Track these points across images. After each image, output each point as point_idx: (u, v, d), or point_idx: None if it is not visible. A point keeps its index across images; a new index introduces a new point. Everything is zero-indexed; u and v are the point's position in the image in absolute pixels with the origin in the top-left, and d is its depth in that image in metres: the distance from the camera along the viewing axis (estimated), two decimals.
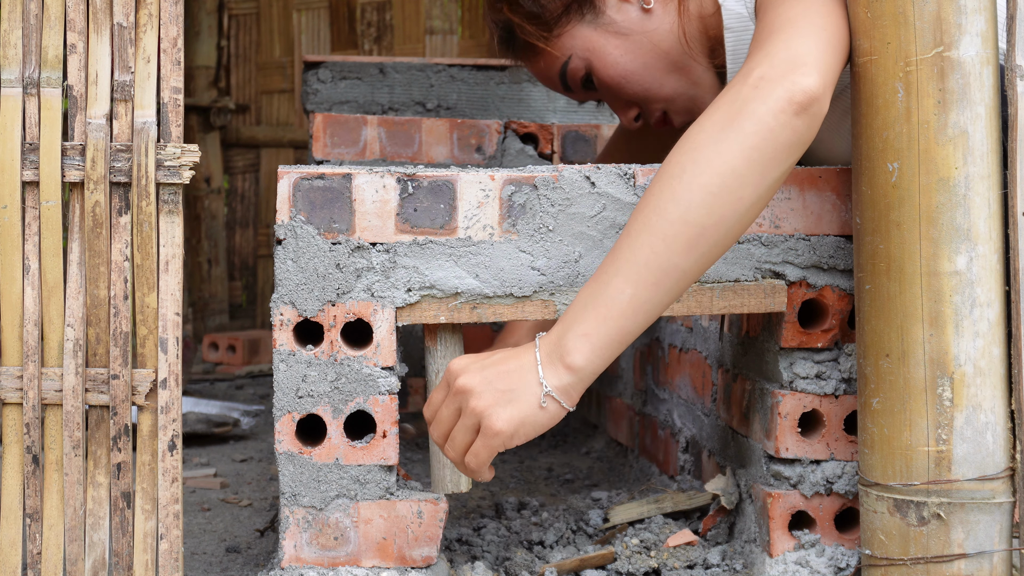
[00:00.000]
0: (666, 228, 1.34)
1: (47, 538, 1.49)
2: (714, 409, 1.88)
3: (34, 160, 1.48)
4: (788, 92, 1.35)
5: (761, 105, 1.35)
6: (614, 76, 1.74)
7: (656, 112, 1.78)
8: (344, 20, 4.98)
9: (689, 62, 1.72)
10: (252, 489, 2.27)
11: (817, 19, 1.40)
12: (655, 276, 1.34)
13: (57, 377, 1.48)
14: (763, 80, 1.36)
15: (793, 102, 1.34)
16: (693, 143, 1.37)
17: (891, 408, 1.41)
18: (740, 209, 1.35)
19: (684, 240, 1.34)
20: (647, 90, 1.75)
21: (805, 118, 1.35)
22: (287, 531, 1.52)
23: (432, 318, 1.52)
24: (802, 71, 1.36)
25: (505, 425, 1.34)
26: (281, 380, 1.51)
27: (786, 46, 1.38)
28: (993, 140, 1.38)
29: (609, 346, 1.35)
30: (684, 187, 1.34)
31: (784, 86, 1.35)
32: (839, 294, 1.58)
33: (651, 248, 1.34)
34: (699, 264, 1.36)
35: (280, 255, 1.51)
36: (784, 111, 1.34)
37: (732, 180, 1.34)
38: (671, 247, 1.34)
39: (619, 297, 1.34)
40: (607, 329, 1.34)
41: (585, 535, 1.76)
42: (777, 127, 1.34)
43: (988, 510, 1.39)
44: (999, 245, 1.39)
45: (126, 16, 1.50)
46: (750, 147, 1.34)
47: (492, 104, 2.88)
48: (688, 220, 1.34)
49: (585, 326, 1.35)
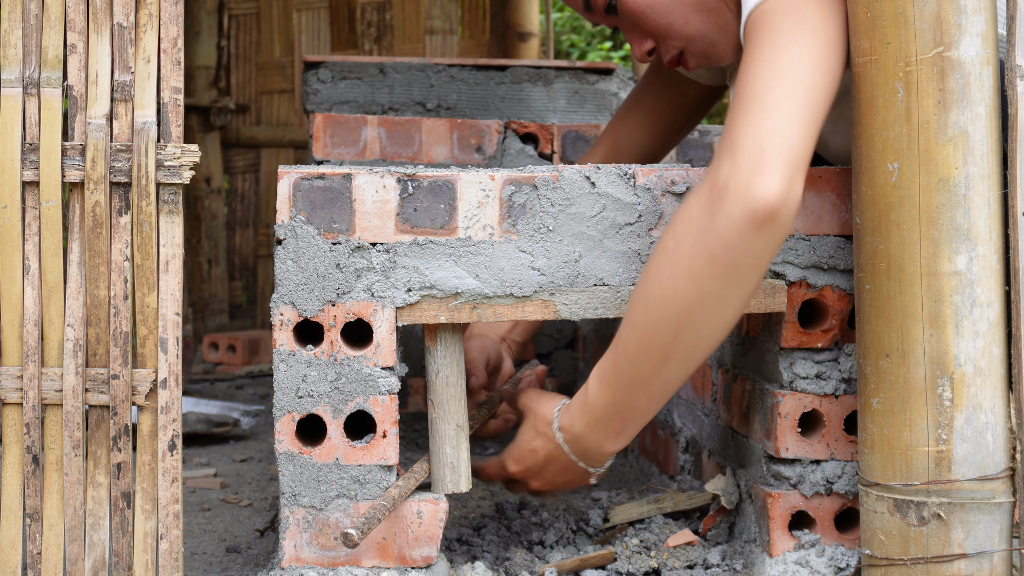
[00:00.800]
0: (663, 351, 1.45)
1: (47, 538, 1.49)
2: (714, 409, 1.88)
3: (34, 160, 1.48)
4: (748, 209, 1.34)
5: (724, 224, 1.36)
6: (640, 4, 1.67)
7: (672, 50, 1.72)
8: (344, 20, 4.98)
9: (719, 5, 1.66)
10: (252, 489, 2.27)
11: (794, 82, 1.39)
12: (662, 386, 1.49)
13: (57, 377, 1.48)
14: (727, 189, 1.36)
15: (755, 220, 1.35)
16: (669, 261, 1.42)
17: (891, 408, 1.41)
18: (725, 319, 1.43)
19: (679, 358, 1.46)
20: (670, 24, 1.68)
21: (768, 232, 1.36)
22: (287, 531, 1.52)
23: (432, 318, 1.52)
24: (762, 173, 1.34)
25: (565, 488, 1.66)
26: (281, 380, 1.51)
27: (752, 133, 1.36)
28: (993, 140, 1.38)
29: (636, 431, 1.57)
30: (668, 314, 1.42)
31: (743, 201, 1.34)
32: (839, 294, 1.58)
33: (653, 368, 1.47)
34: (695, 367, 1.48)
35: (280, 255, 1.51)
36: (746, 230, 1.35)
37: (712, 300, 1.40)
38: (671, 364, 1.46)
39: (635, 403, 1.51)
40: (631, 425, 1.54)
41: (585, 535, 1.76)
42: (741, 246, 1.36)
43: (988, 510, 1.39)
44: (999, 245, 1.39)
45: (126, 16, 1.50)
46: (722, 269, 1.38)
47: (492, 104, 2.88)
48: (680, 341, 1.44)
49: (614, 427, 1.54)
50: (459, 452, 1.57)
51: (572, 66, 2.91)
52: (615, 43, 7.98)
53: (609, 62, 3.02)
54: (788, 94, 1.38)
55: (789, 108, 1.37)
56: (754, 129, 1.37)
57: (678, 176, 1.55)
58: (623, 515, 1.77)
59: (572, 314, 1.54)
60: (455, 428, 1.56)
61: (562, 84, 2.90)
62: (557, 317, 1.54)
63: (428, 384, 1.58)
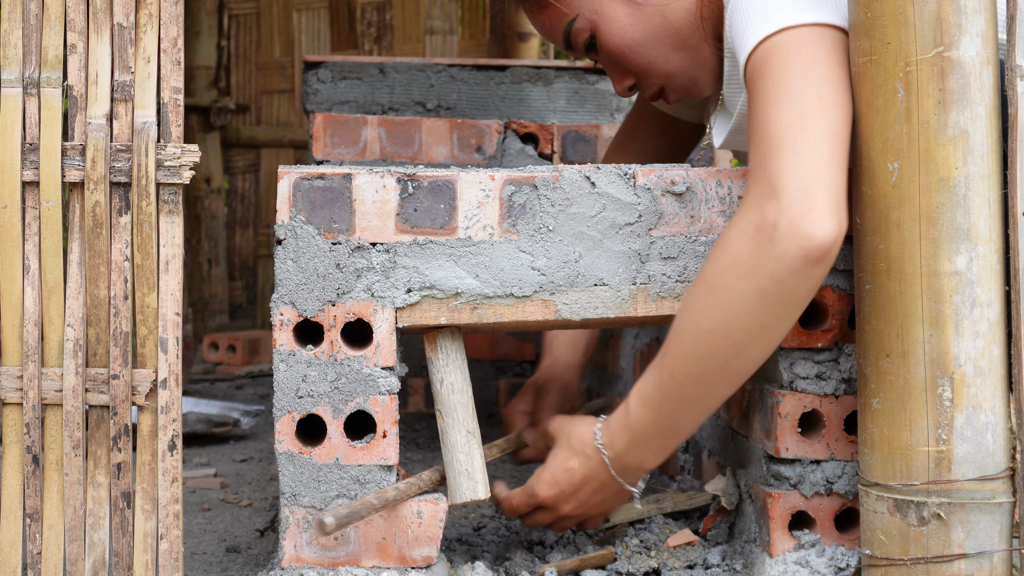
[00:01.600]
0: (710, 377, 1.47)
1: (47, 538, 1.49)
2: None
3: (34, 160, 1.48)
4: (804, 250, 1.36)
5: (778, 265, 1.38)
6: (619, 44, 1.69)
7: (653, 87, 1.75)
8: (344, 20, 4.98)
9: (699, 42, 1.68)
10: (252, 489, 2.27)
11: (820, 123, 1.40)
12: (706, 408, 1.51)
13: (57, 377, 1.48)
14: (776, 231, 1.37)
15: (810, 259, 1.37)
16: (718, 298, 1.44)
17: (891, 408, 1.41)
18: (771, 345, 1.46)
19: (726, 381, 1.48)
20: (650, 63, 1.71)
21: (820, 267, 1.38)
22: (287, 531, 1.52)
23: (432, 318, 1.52)
24: (816, 216, 1.36)
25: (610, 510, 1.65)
26: (281, 380, 1.51)
27: (793, 174, 1.38)
28: (993, 140, 1.38)
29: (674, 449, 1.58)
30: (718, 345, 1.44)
31: (799, 243, 1.36)
32: (839, 294, 1.58)
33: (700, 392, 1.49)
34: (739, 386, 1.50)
35: (280, 255, 1.51)
36: (801, 268, 1.38)
37: (761, 333, 1.43)
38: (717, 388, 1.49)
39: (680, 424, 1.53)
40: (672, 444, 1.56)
41: (585, 535, 1.76)
42: (796, 283, 1.39)
43: (988, 510, 1.39)
44: (999, 245, 1.39)
45: (126, 16, 1.50)
46: (773, 304, 1.40)
47: (492, 104, 2.88)
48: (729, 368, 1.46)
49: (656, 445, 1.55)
50: (472, 459, 1.55)
51: (572, 66, 2.92)
52: None
53: None
54: (820, 136, 1.39)
55: (824, 150, 1.39)
56: (795, 170, 1.38)
57: (678, 176, 1.55)
58: (623, 515, 1.77)
59: (572, 314, 1.54)
60: (466, 435, 1.56)
61: (562, 84, 2.90)
62: (557, 317, 1.54)
63: (434, 394, 1.57)
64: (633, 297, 1.55)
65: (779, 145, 1.40)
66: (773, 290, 1.39)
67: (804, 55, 1.44)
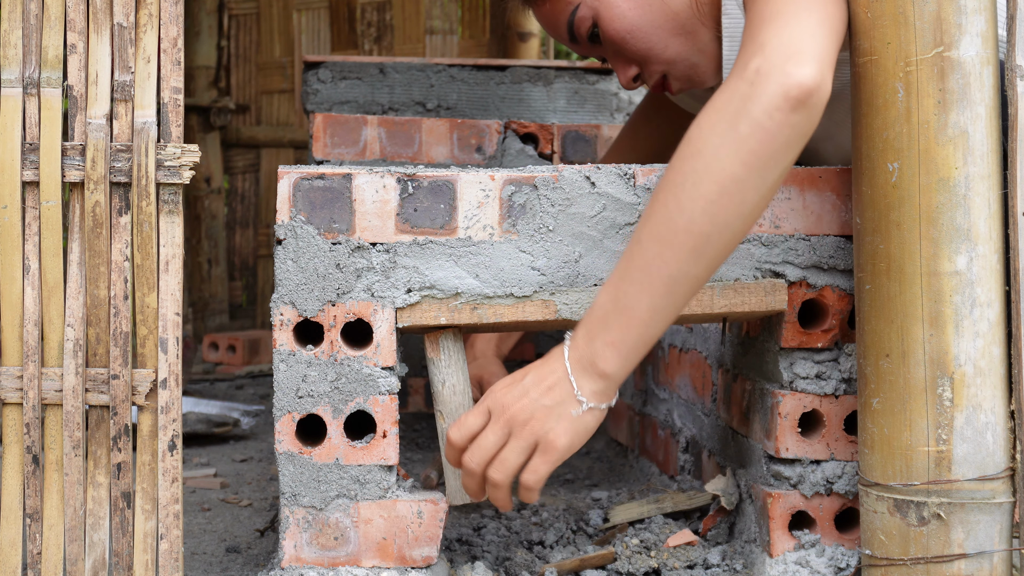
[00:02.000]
0: (673, 238, 1.37)
1: (47, 538, 1.49)
2: (714, 409, 1.88)
3: (34, 160, 1.48)
4: (783, 87, 1.33)
5: (756, 105, 1.34)
6: (619, 30, 1.71)
7: (655, 74, 1.76)
8: (344, 20, 4.98)
9: (697, 27, 1.70)
10: (252, 489, 2.27)
11: (811, 3, 1.39)
12: (667, 284, 1.39)
13: (57, 377, 1.48)
14: (758, 75, 1.34)
15: (789, 98, 1.33)
16: (693, 148, 1.38)
17: (891, 408, 1.41)
18: (743, 212, 1.37)
19: (691, 248, 1.37)
20: (650, 49, 1.72)
21: (803, 112, 1.34)
22: (287, 531, 1.52)
23: (432, 319, 1.52)
24: (797, 61, 1.34)
25: (565, 439, 1.41)
26: (281, 380, 1.51)
27: (780, 34, 1.36)
28: (993, 140, 1.38)
29: (635, 351, 1.41)
30: (687, 196, 1.37)
31: (778, 80, 1.33)
32: (839, 294, 1.58)
33: (662, 258, 1.38)
34: (708, 269, 1.40)
35: (280, 255, 1.51)
36: (780, 108, 1.33)
37: (733, 186, 1.35)
38: (679, 255, 1.38)
39: (638, 306, 1.39)
40: (631, 336, 1.40)
41: (585, 535, 1.76)
42: (774, 127, 1.34)
43: (988, 510, 1.39)
44: (999, 245, 1.39)
45: (126, 16, 1.50)
46: (748, 151, 1.35)
47: (492, 104, 2.88)
48: (693, 230, 1.37)
49: (611, 335, 1.40)
50: None
51: (572, 66, 2.92)
52: None
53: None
54: (812, 8, 1.38)
55: (815, 18, 1.37)
56: (783, 30, 1.36)
57: None
58: (623, 515, 1.77)
59: (572, 314, 1.54)
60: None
61: (562, 84, 2.90)
62: (557, 317, 1.54)
63: (435, 395, 1.57)
64: None
65: (771, 16, 1.38)
66: (748, 133, 1.34)
67: None
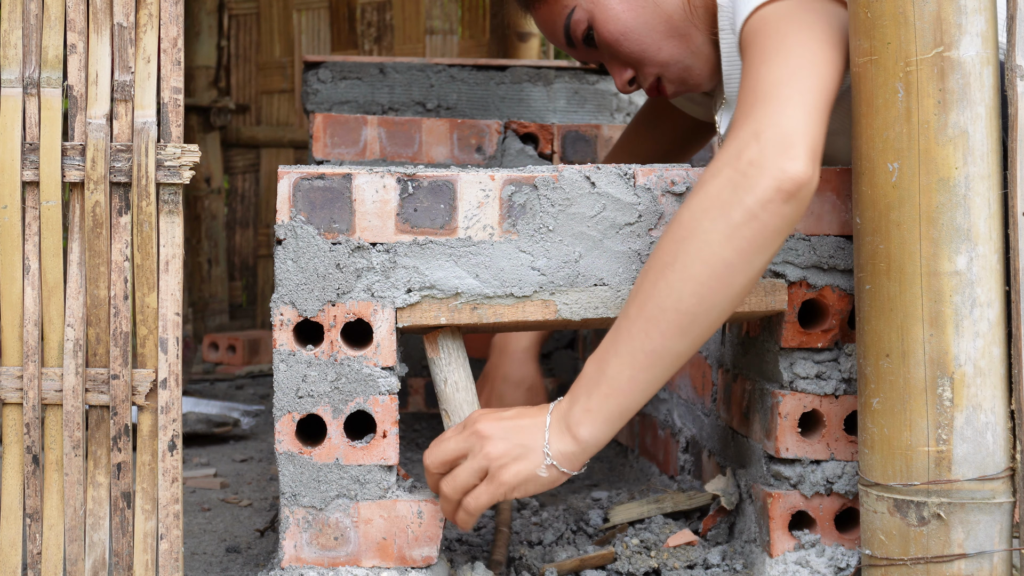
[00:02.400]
0: (660, 315, 1.41)
1: (47, 538, 1.49)
2: (714, 409, 1.88)
3: (34, 160, 1.48)
4: (777, 181, 1.37)
5: (749, 195, 1.37)
6: (613, 32, 1.73)
7: (650, 77, 1.78)
8: (344, 20, 4.98)
9: (690, 30, 1.73)
10: (252, 489, 2.27)
11: (806, 80, 1.42)
12: (650, 359, 1.42)
13: (57, 377, 1.48)
14: (752, 166, 1.38)
15: (782, 191, 1.37)
16: (684, 230, 1.40)
17: (891, 408, 1.41)
18: (731, 295, 1.41)
19: (677, 327, 1.41)
20: (644, 51, 1.74)
21: (793, 204, 1.38)
22: (287, 531, 1.52)
23: (432, 319, 1.52)
24: (791, 155, 1.37)
25: (512, 478, 1.45)
26: (281, 380, 1.51)
27: (776, 123, 1.39)
28: (993, 140, 1.38)
29: (610, 420, 1.44)
30: (676, 277, 1.40)
31: (772, 175, 1.37)
32: (839, 294, 1.58)
33: (647, 333, 1.41)
34: (692, 346, 1.43)
35: (280, 255, 1.51)
36: (773, 200, 1.37)
37: (723, 270, 1.39)
38: (665, 333, 1.41)
39: (619, 377, 1.43)
40: (608, 406, 1.43)
41: (585, 535, 1.76)
42: (767, 217, 1.38)
43: (988, 510, 1.39)
44: (999, 245, 1.39)
45: (126, 16, 1.50)
46: (740, 238, 1.38)
47: (492, 104, 2.88)
48: (680, 308, 1.40)
49: (591, 402, 1.44)
50: None
51: (572, 66, 2.92)
52: None
53: None
54: (804, 91, 1.41)
55: (807, 103, 1.41)
56: (776, 117, 1.40)
57: (678, 176, 1.55)
58: (623, 515, 1.77)
59: (572, 314, 1.54)
60: None
61: (562, 84, 2.90)
62: (557, 317, 1.54)
63: (438, 394, 1.57)
64: None
65: (764, 96, 1.42)
66: (742, 222, 1.37)
67: (796, 20, 1.47)
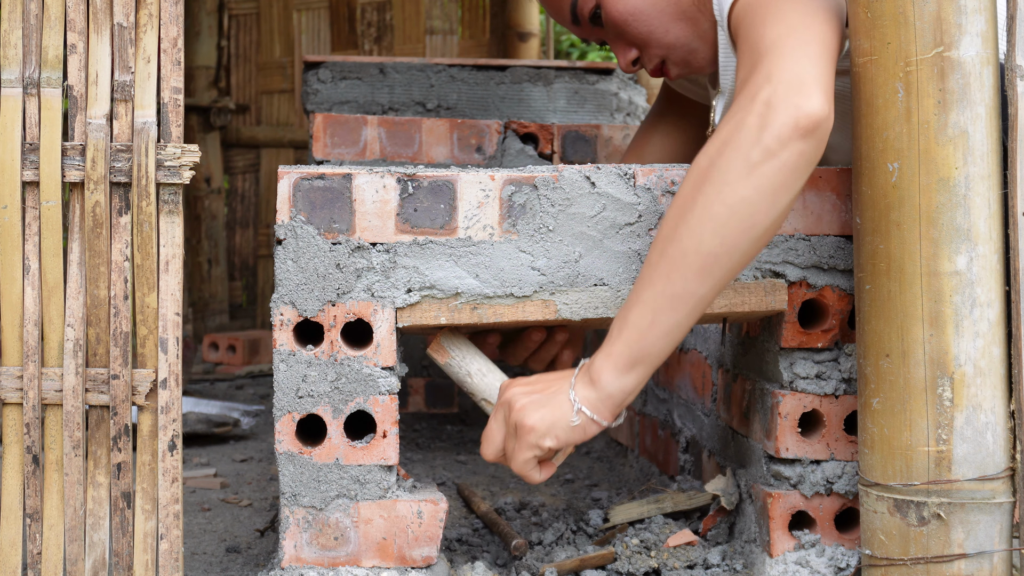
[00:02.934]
0: (681, 259, 1.41)
1: (47, 538, 1.49)
2: (714, 409, 1.88)
3: (34, 160, 1.48)
4: (793, 118, 1.37)
5: (768, 133, 1.37)
6: (622, 12, 1.73)
7: (655, 59, 1.79)
8: (344, 20, 4.98)
9: (697, 14, 1.73)
10: (252, 489, 2.27)
11: (807, 33, 1.42)
12: (672, 303, 1.42)
13: (57, 377, 1.48)
14: (768, 106, 1.38)
15: (799, 127, 1.37)
16: (703, 174, 1.40)
17: (891, 408, 1.41)
18: (753, 235, 1.40)
19: (699, 269, 1.41)
20: (651, 32, 1.74)
21: (811, 141, 1.38)
22: (287, 531, 1.52)
23: (432, 319, 1.52)
24: (805, 93, 1.38)
25: (536, 422, 1.45)
26: (281, 380, 1.51)
27: (784, 66, 1.40)
28: (993, 140, 1.38)
29: (632, 365, 1.44)
30: (696, 218, 1.40)
31: (788, 112, 1.37)
32: (839, 294, 1.58)
33: (668, 277, 1.42)
34: (714, 288, 1.42)
35: (280, 255, 1.51)
36: (791, 137, 1.37)
37: (744, 209, 1.38)
38: (687, 276, 1.41)
39: (640, 322, 1.43)
40: (630, 351, 1.43)
41: (585, 535, 1.76)
42: (785, 154, 1.37)
43: (988, 510, 1.39)
44: (999, 245, 1.39)
45: (126, 16, 1.50)
46: (760, 176, 1.38)
47: (492, 104, 2.88)
48: (702, 251, 1.40)
49: (611, 347, 1.44)
50: None
51: (572, 66, 2.92)
52: None
53: (609, 62, 3.02)
54: (807, 41, 1.42)
55: (812, 51, 1.41)
56: (786, 62, 1.40)
57: (678, 176, 1.55)
58: (623, 515, 1.77)
59: (573, 314, 1.54)
60: None
61: (562, 84, 2.90)
62: (558, 317, 1.54)
63: (468, 389, 1.55)
64: None
65: (768, 49, 1.42)
66: (761, 160, 1.37)
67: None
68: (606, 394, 1.44)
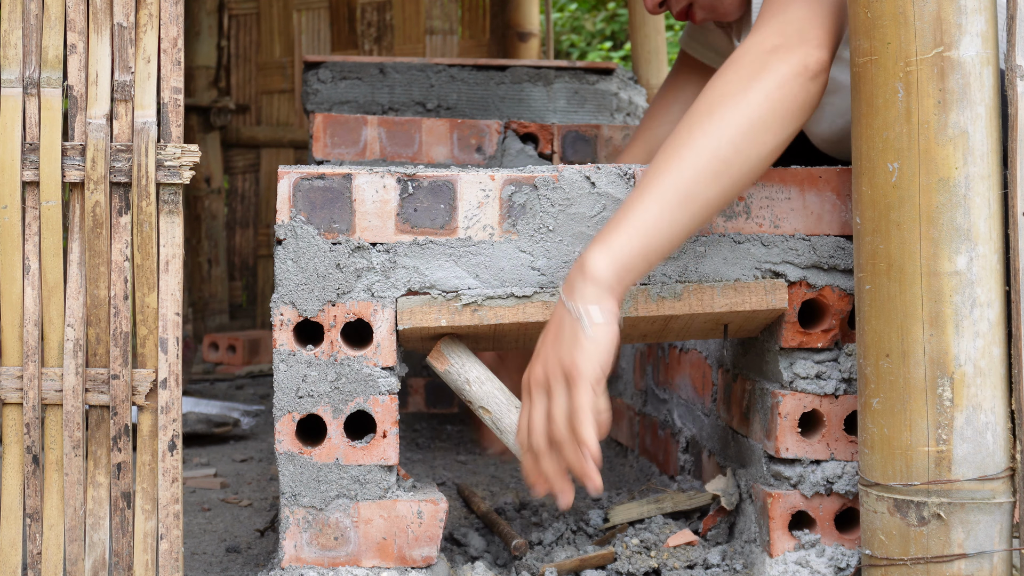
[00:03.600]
0: (695, 159, 1.45)
1: (47, 538, 1.49)
2: (714, 409, 1.88)
3: (34, 160, 1.48)
4: (803, 61, 1.49)
5: (782, 65, 1.48)
6: None
7: (682, 1, 1.83)
8: (344, 20, 4.98)
9: None
10: (252, 489, 2.27)
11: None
12: (681, 199, 1.44)
13: (57, 377, 1.48)
14: (780, 48, 1.49)
15: (809, 68, 1.49)
16: (720, 91, 1.49)
17: (891, 408, 1.41)
18: (761, 153, 1.47)
19: (711, 170, 1.45)
20: None
21: (816, 83, 1.49)
22: (287, 531, 1.52)
23: (432, 320, 1.52)
24: (813, 44, 1.50)
25: (581, 361, 1.37)
26: (281, 380, 1.51)
27: (794, 20, 1.51)
28: (993, 140, 1.38)
29: (631, 258, 1.41)
30: (714, 125, 1.46)
31: (799, 55, 1.49)
32: (839, 294, 1.58)
33: (679, 175, 1.45)
34: (721, 196, 1.46)
35: (280, 255, 1.51)
36: (801, 74, 1.48)
37: (758, 124, 1.46)
38: (699, 176, 1.45)
39: (645, 215, 1.43)
40: (631, 243, 1.42)
41: (585, 535, 1.76)
42: (796, 86, 1.48)
43: (988, 510, 1.39)
44: (999, 245, 1.39)
45: (126, 16, 1.50)
46: (774, 99, 1.47)
47: (492, 104, 2.88)
48: (717, 154, 1.45)
49: (607, 236, 1.42)
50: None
51: (572, 66, 2.92)
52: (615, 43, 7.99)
53: (609, 62, 3.02)
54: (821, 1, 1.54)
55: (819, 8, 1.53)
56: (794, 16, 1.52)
57: None
58: (623, 515, 1.77)
59: None
60: (517, 411, 1.53)
61: (562, 84, 2.90)
62: None
63: (467, 397, 1.54)
64: (633, 297, 1.55)
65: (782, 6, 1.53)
66: (776, 87, 1.47)
67: None
68: (603, 287, 1.39)
